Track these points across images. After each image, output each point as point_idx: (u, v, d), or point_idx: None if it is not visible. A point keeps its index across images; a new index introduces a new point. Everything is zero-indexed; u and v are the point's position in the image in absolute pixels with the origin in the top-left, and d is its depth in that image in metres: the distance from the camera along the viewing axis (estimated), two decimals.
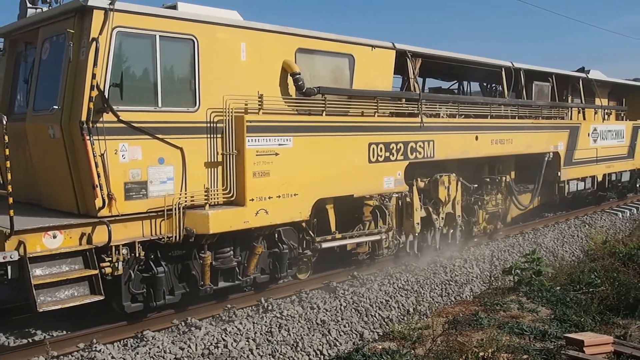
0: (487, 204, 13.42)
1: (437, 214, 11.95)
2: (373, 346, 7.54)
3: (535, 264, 10.28)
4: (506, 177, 13.91)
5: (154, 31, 7.71)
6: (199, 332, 7.41)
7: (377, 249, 10.79)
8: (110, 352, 6.94)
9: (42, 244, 6.89)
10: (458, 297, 9.85)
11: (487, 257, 11.64)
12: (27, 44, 8.69)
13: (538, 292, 9.74)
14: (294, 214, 9.07)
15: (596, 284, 9.95)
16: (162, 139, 7.77)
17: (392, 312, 8.67)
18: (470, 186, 12.76)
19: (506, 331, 7.90)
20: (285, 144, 8.85)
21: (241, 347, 7.07)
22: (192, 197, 8.08)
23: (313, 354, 7.31)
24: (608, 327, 8.19)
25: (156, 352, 6.81)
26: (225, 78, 8.41)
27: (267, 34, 8.98)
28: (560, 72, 16.11)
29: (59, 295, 6.90)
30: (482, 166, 13.48)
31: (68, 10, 7.48)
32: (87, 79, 7.12)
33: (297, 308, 8.35)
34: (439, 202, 11.92)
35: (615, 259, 11.47)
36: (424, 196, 11.78)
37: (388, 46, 10.92)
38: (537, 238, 14.06)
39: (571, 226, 15.76)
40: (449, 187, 11.99)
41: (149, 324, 8.07)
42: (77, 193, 7.53)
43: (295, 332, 7.61)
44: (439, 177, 11.81)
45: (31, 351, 7.02)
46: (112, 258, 7.36)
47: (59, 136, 7.43)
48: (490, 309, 9.03)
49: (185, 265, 8.33)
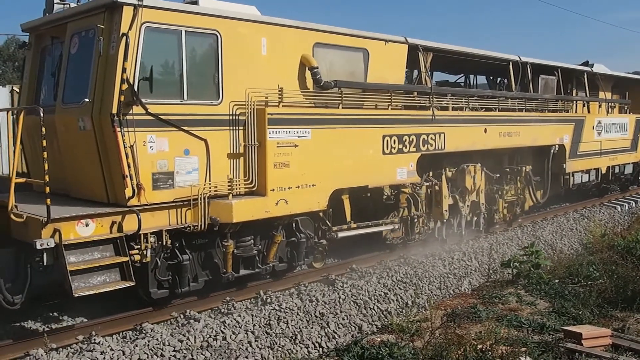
0: (507, 193, 13.80)
1: (463, 201, 12.35)
2: (371, 339, 7.61)
3: (534, 257, 10.36)
4: (526, 167, 14.28)
5: (180, 26, 7.96)
6: (198, 324, 7.42)
7: (410, 234, 11.18)
8: (109, 345, 6.94)
9: (75, 232, 7.15)
10: (457, 290, 9.95)
11: (486, 250, 11.72)
12: (53, 39, 8.92)
13: (536, 285, 9.82)
14: (312, 204, 9.35)
15: (594, 277, 10.03)
16: (187, 130, 8.02)
17: (391, 305, 8.72)
18: (493, 176, 13.19)
19: (504, 324, 7.96)
20: (304, 136, 9.12)
21: (240, 340, 7.10)
22: (216, 187, 8.35)
23: (312, 346, 7.38)
24: (606, 320, 8.24)
25: (155, 344, 6.83)
26: (247, 72, 8.66)
27: (287, 29, 9.22)
28: (565, 66, 16.35)
29: (92, 281, 7.16)
30: (502, 157, 13.87)
31: (98, 6, 7.72)
32: (118, 73, 7.37)
33: (296, 300, 8.38)
34: (465, 190, 12.31)
35: (613, 252, 11.52)
36: (452, 185, 12.16)
37: (401, 40, 11.17)
38: (535, 231, 14.17)
39: (570, 219, 15.89)
40: (474, 177, 12.42)
41: (148, 317, 8.07)
42: (106, 183, 7.79)
43: (294, 325, 7.64)
44: (466, 167, 12.19)
45: (30, 343, 7.02)
46: (141, 246, 7.64)
47: (90, 128, 7.68)
48: (489, 301, 9.12)
49: (208, 254, 8.60)
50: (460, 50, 12.68)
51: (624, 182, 20.28)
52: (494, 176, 13.38)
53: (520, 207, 14.54)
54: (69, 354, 6.75)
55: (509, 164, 14.24)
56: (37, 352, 6.68)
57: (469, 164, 12.44)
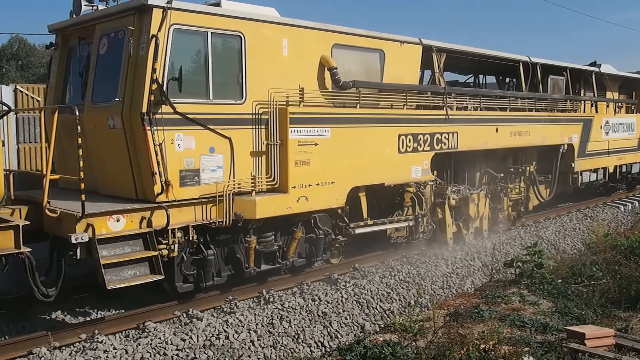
0: (511, 192, 13.99)
1: (467, 229, 12.45)
2: (374, 338, 7.64)
3: (537, 256, 10.36)
4: (530, 167, 14.46)
5: (206, 28, 8.21)
6: (201, 323, 7.44)
7: (414, 233, 11.35)
8: (112, 343, 6.95)
9: (107, 226, 7.40)
10: (459, 289, 9.98)
11: (489, 250, 11.65)
12: (80, 39, 9.17)
13: (539, 285, 9.84)
14: (331, 201, 9.59)
15: (598, 276, 10.02)
16: (213, 129, 8.27)
17: (394, 305, 8.73)
18: (497, 175, 13.34)
19: (507, 324, 7.97)
20: (323, 135, 9.36)
21: (242, 339, 7.12)
22: (239, 184, 8.60)
23: (314, 345, 7.41)
24: (609, 320, 8.23)
25: (158, 343, 6.85)
26: (269, 72, 8.90)
27: (307, 30, 9.46)
28: (574, 66, 16.58)
29: (123, 274, 7.41)
30: (507, 157, 14.03)
31: (128, 9, 7.98)
32: (148, 73, 7.63)
33: (299, 300, 8.42)
34: (468, 218, 12.42)
35: (616, 251, 11.41)
36: (455, 213, 12.22)
37: (415, 42, 11.40)
38: (538, 231, 14.18)
39: (573, 219, 15.90)
40: (478, 204, 12.52)
41: (151, 316, 8.08)
42: (135, 180, 8.04)
43: (296, 324, 7.66)
44: (470, 195, 12.31)
45: (32, 342, 7.01)
46: (169, 241, 7.89)
47: (120, 127, 7.93)
48: (492, 301, 9.15)
49: (231, 249, 8.85)
50: (472, 51, 12.92)
51: (630, 181, 20.51)
52: (499, 176, 13.46)
53: (525, 206, 14.69)
54: (71, 353, 6.80)
55: (515, 164, 14.35)
56: (40, 351, 6.73)
57: (472, 192, 12.48)
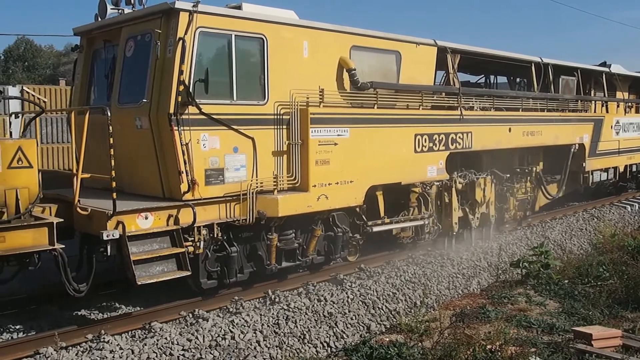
0: (518, 192, 14.12)
1: (473, 214, 12.53)
2: (380, 338, 7.66)
3: (543, 257, 10.37)
4: (536, 168, 14.60)
5: (230, 31, 8.43)
6: (207, 323, 7.44)
7: (420, 234, 11.50)
8: (119, 343, 6.97)
9: (136, 224, 7.62)
10: (465, 290, 10.01)
11: (495, 250, 11.58)
12: (105, 42, 9.39)
13: (546, 286, 9.84)
14: (349, 200, 9.80)
15: (604, 277, 9.99)
16: (236, 129, 8.49)
17: (399, 305, 8.74)
18: (503, 176, 13.45)
19: (514, 324, 7.97)
20: (343, 135, 9.57)
21: (248, 339, 7.14)
22: (262, 183, 8.81)
23: (320, 345, 7.43)
24: (616, 320, 8.20)
25: (164, 343, 6.88)
26: (290, 74, 9.12)
27: (326, 32, 9.67)
28: (584, 66, 16.76)
29: (152, 270, 7.63)
30: (513, 157, 14.16)
31: (155, 12, 8.19)
32: (175, 75, 7.84)
33: (304, 300, 8.43)
34: (475, 203, 12.52)
35: (624, 252, 11.40)
36: (462, 197, 12.32)
37: (430, 43, 11.60)
38: (545, 231, 14.14)
39: (579, 219, 15.84)
40: (484, 189, 12.62)
41: (157, 316, 8.09)
42: (162, 178, 8.26)
43: (302, 324, 7.67)
44: (476, 179, 12.42)
45: (39, 342, 7.01)
46: (194, 238, 8.10)
47: (147, 127, 8.16)
48: (498, 302, 9.17)
49: (253, 246, 9.05)
50: (485, 52, 13.11)
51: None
52: (505, 176, 13.49)
53: (531, 206, 14.78)
54: (78, 353, 6.81)
55: (522, 164, 14.42)
56: (47, 351, 6.73)
57: (479, 175, 12.56)
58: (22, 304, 8.55)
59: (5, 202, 6.83)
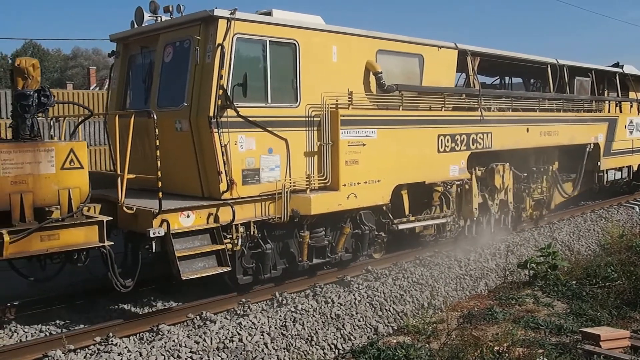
0: (534, 192, 14.43)
1: (492, 200, 12.96)
2: (387, 340, 7.70)
3: (551, 258, 10.42)
4: (552, 167, 14.91)
5: (265, 37, 8.79)
6: (214, 326, 7.48)
7: (442, 231, 11.84)
8: (127, 346, 6.96)
9: (179, 222, 7.99)
10: (473, 291, 10.06)
11: (502, 251, 11.65)
12: (142, 48, 9.77)
13: (554, 287, 9.90)
14: (377, 198, 10.14)
15: (612, 278, 9.99)
16: (271, 131, 8.85)
17: (407, 307, 8.78)
18: (520, 175, 13.77)
19: (521, 325, 8.02)
20: (370, 136, 9.92)
21: (256, 341, 7.18)
22: (295, 182, 9.16)
23: (328, 347, 7.48)
24: (625, 321, 8.23)
25: (172, 345, 6.91)
26: (320, 77, 9.47)
27: (354, 37, 10.02)
28: (598, 67, 17.06)
29: (194, 266, 7.99)
30: (530, 157, 14.47)
31: (194, 20, 8.57)
32: (214, 80, 8.21)
33: (312, 302, 8.48)
34: (494, 189, 12.93)
35: (632, 252, 11.47)
36: (481, 184, 12.78)
37: (451, 46, 11.94)
38: (552, 232, 14.21)
39: (587, 220, 15.86)
40: (503, 175, 13.01)
41: (165, 318, 8.05)
42: (201, 178, 8.63)
43: (309, 326, 7.72)
44: (495, 166, 12.81)
45: (48, 345, 7.03)
46: (232, 235, 8.46)
47: (187, 129, 8.52)
48: (506, 303, 9.22)
49: (286, 244, 9.41)
50: (504, 54, 13.45)
51: None
52: (522, 175, 13.81)
53: (547, 205, 15.08)
54: (86, 355, 6.82)
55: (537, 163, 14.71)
56: (56, 354, 6.71)
57: (497, 163, 12.86)
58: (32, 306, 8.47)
59: (59, 201, 7.19)
